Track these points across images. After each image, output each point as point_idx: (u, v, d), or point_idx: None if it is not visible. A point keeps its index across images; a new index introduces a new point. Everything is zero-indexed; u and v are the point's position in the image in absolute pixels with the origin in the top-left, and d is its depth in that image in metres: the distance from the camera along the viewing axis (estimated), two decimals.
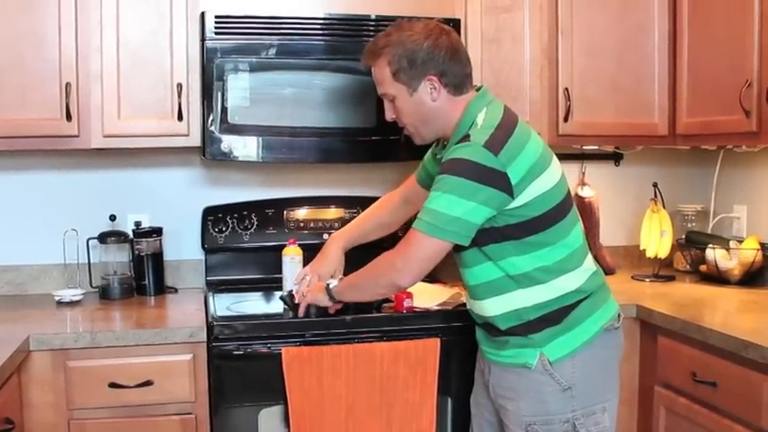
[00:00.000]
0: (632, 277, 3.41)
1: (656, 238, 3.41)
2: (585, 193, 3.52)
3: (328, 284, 2.56)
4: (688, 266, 3.49)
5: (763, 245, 3.22)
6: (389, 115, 2.43)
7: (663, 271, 3.43)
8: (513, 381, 2.35)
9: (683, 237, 3.50)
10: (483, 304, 2.36)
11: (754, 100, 2.81)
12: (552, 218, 2.27)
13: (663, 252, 3.41)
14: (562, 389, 2.29)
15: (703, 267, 3.35)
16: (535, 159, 2.24)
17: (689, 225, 3.64)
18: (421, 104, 2.34)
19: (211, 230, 3.25)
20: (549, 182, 2.27)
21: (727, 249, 3.26)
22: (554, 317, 2.29)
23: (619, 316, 2.42)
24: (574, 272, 2.32)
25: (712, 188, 3.60)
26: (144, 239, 3.18)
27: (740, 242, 3.30)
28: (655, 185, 3.44)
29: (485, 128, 2.24)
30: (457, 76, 2.34)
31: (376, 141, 3.03)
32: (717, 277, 3.27)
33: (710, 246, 3.29)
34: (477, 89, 2.40)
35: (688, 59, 3.18)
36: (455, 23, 3.04)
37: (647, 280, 3.36)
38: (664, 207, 3.44)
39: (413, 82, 2.32)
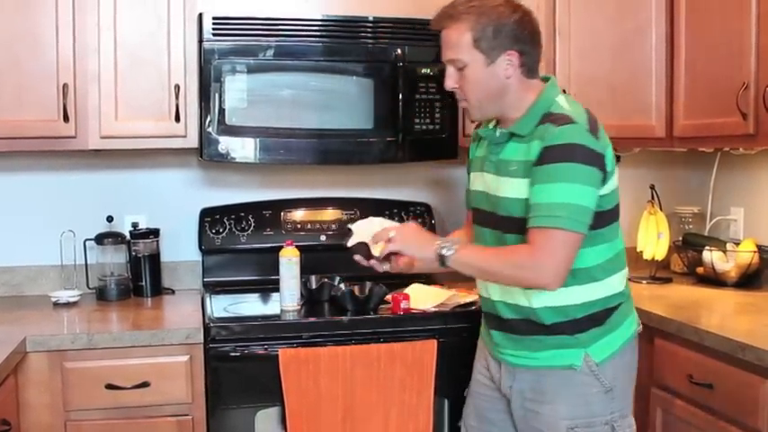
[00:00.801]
0: (629, 279, 3.40)
1: (653, 240, 3.41)
2: None
3: (442, 250, 2.22)
4: (685, 268, 3.49)
5: (759, 247, 3.22)
6: (451, 83, 2.29)
7: (660, 273, 3.43)
8: (552, 383, 2.28)
9: (680, 239, 3.50)
10: (530, 295, 2.25)
11: (752, 102, 2.81)
12: (615, 215, 2.29)
13: (660, 254, 3.41)
14: (605, 390, 2.27)
15: (700, 269, 3.35)
16: (612, 153, 2.24)
17: (686, 227, 3.64)
18: (494, 78, 2.24)
19: (208, 232, 3.25)
20: (616, 179, 2.27)
21: (724, 251, 3.26)
22: (600, 317, 2.28)
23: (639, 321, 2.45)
24: (620, 273, 2.34)
25: (709, 190, 3.60)
26: (141, 241, 3.18)
27: (737, 244, 3.30)
28: (652, 187, 3.44)
29: (579, 111, 2.21)
30: (534, 58, 2.29)
31: (373, 143, 3.03)
32: (714, 279, 3.27)
33: (707, 248, 3.29)
34: (545, 79, 2.35)
35: (685, 61, 3.18)
36: None
37: (644, 282, 3.36)
38: (661, 209, 3.45)
39: (493, 53, 2.22)
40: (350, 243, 2.42)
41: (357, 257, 2.39)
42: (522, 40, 2.24)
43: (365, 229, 2.42)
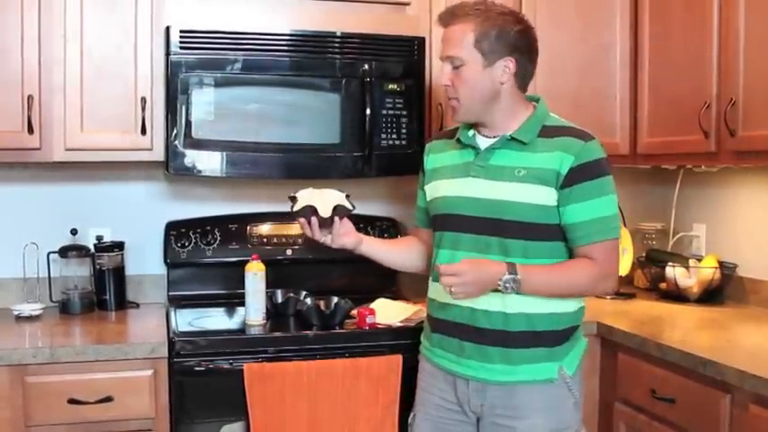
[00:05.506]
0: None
1: None
2: None
3: (506, 291, 2.20)
4: (648, 284, 3.53)
5: (721, 263, 3.27)
6: (445, 80, 2.32)
7: (623, 289, 3.45)
8: (528, 398, 2.28)
9: (644, 255, 3.54)
10: (529, 299, 2.26)
11: (713, 121, 2.86)
12: None
13: (623, 270, 3.43)
14: (575, 402, 2.33)
15: (663, 285, 3.39)
16: None
17: (649, 243, 3.68)
18: (488, 81, 2.28)
19: (174, 245, 3.23)
20: None
21: (687, 267, 3.30)
22: (573, 330, 2.35)
23: None
24: None
25: (672, 207, 3.65)
26: (105, 254, 3.15)
27: (699, 260, 3.34)
28: None
29: (578, 126, 2.36)
30: (528, 72, 2.35)
31: (340, 158, 3.03)
32: (676, 295, 3.30)
33: (670, 264, 3.33)
34: (533, 98, 2.42)
35: (649, 80, 3.23)
36: (420, 42, 3.06)
37: (608, 297, 3.38)
38: (624, 225, 3.47)
39: (492, 56, 2.27)
40: (296, 208, 2.50)
41: (302, 220, 2.51)
42: (520, 49, 2.30)
43: (310, 196, 2.51)
